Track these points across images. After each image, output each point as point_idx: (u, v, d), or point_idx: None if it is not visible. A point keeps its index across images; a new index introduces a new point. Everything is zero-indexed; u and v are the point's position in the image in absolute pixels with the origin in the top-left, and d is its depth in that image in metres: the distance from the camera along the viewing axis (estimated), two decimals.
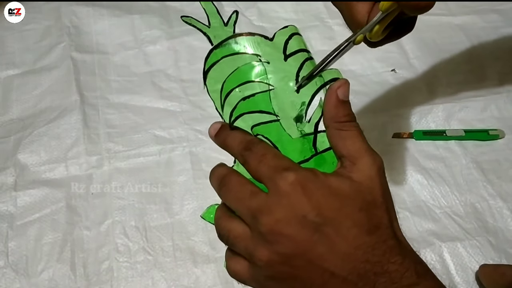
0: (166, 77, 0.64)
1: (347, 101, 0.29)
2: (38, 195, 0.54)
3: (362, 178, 0.26)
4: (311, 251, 0.25)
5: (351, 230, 0.25)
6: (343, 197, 0.26)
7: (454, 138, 0.57)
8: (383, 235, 0.25)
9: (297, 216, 0.25)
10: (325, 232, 0.25)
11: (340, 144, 0.28)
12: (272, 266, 0.26)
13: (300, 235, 0.25)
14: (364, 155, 0.27)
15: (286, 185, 0.25)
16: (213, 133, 0.32)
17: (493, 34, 0.66)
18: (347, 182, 0.26)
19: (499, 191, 0.53)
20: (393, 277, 0.24)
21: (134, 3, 0.71)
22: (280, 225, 0.25)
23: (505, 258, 0.49)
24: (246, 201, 0.27)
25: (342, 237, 0.25)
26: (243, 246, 0.27)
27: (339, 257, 0.25)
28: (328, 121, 0.28)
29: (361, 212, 0.25)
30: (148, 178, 0.56)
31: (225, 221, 0.29)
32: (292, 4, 0.70)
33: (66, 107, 0.61)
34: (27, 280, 0.49)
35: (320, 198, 0.25)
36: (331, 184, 0.26)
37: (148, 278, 0.49)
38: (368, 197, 0.26)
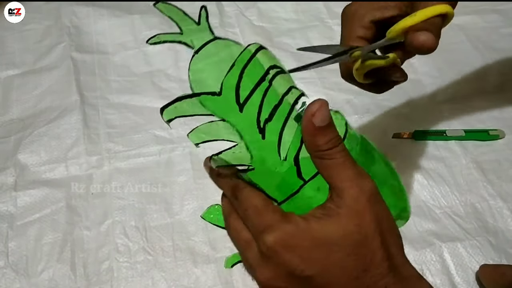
0: (166, 77, 0.64)
1: (327, 125, 0.25)
2: (38, 195, 0.54)
3: (350, 215, 0.25)
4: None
5: (340, 278, 0.25)
6: (328, 245, 0.25)
7: (454, 138, 0.57)
8: (373, 276, 0.25)
9: (285, 273, 0.25)
10: (315, 282, 0.25)
11: (325, 174, 0.26)
12: None
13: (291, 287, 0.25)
14: (350, 186, 0.25)
15: (266, 248, 0.25)
16: (207, 171, 0.32)
17: (493, 34, 0.66)
18: (332, 226, 0.25)
19: (499, 191, 0.53)
20: None
21: (134, 3, 0.71)
22: (271, 281, 0.26)
23: (505, 258, 0.49)
24: (241, 250, 0.28)
25: (333, 284, 0.25)
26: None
27: None
28: (309, 151, 0.26)
29: (349, 257, 0.25)
30: (148, 178, 0.56)
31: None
32: (292, 4, 0.70)
33: (66, 107, 0.61)
34: (27, 280, 0.49)
35: (303, 252, 0.25)
36: (314, 233, 0.25)
37: (148, 278, 0.49)
38: (356, 237, 0.25)
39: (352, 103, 0.61)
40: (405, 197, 0.35)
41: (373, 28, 0.35)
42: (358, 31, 0.35)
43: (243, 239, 0.27)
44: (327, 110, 0.25)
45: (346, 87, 0.37)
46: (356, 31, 0.35)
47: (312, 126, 0.25)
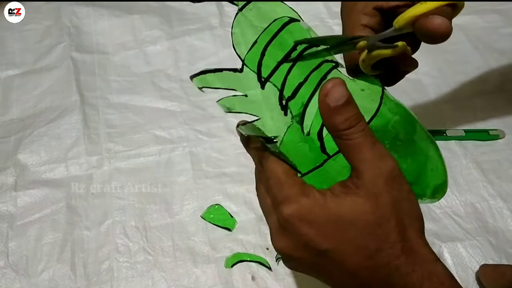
0: (166, 77, 0.64)
1: (343, 103, 0.25)
2: (38, 195, 0.54)
3: (367, 196, 0.25)
4: (321, 269, 0.27)
5: (353, 256, 0.25)
6: (343, 222, 0.25)
7: (454, 138, 0.57)
8: (386, 256, 0.25)
9: (300, 244, 0.26)
10: (330, 257, 0.26)
11: (344, 154, 0.26)
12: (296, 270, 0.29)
13: (306, 258, 0.27)
14: (368, 168, 0.25)
15: (283, 219, 0.26)
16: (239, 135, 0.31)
17: (493, 34, 0.66)
18: (348, 204, 0.25)
19: (499, 191, 0.53)
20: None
21: (134, 3, 0.71)
22: (286, 250, 0.27)
23: (505, 258, 0.49)
24: (265, 215, 0.29)
25: (346, 260, 0.26)
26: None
27: (347, 275, 0.26)
28: (329, 132, 0.26)
29: (363, 235, 0.25)
30: (148, 178, 0.56)
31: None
32: (292, 4, 0.70)
33: (66, 107, 0.61)
34: (27, 280, 0.49)
35: (318, 227, 0.25)
36: (330, 209, 0.25)
37: (148, 278, 0.49)
38: (371, 218, 0.25)
39: None
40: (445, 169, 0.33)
41: (378, 16, 0.32)
42: (362, 18, 0.32)
43: (267, 205, 0.29)
44: (342, 88, 0.25)
45: None
46: (359, 19, 0.32)
47: (327, 106, 0.25)
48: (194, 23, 0.69)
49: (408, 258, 0.25)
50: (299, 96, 0.28)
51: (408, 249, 0.26)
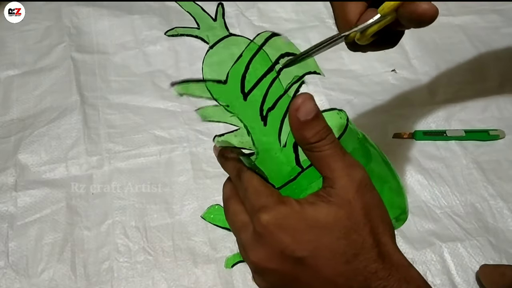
0: (166, 77, 0.64)
1: (312, 117, 0.25)
2: (38, 195, 0.54)
3: (341, 203, 0.25)
4: (297, 281, 0.26)
5: (330, 261, 0.25)
6: (320, 228, 0.25)
7: (454, 138, 0.57)
8: (363, 261, 0.25)
9: (276, 253, 0.26)
10: (306, 264, 0.25)
11: (316, 165, 0.27)
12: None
13: (282, 268, 0.26)
14: (340, 175, 0.25)
15: (260, 227, 0.26)
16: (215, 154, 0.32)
17: (493, 34, 0.66)
18: (324, 211, 0.25)
19: (500, 191, 0.53)
20: None
21: (134, 3, 0.71)
22: (262, 261, 0.26)
23: (506, 258, 0.49)
24: (237, 233, 0.29)
25: (323, 267, 0.25)
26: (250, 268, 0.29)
27: (324, 284, 0.26)
28: (300, 145, 0.27)
29: (339, 241, 0.25)
30: (148, 178, 0.56)
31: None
32: (292, 4, 0.70)
33: (66, 107, 0.61)
34: (27, 280, 0.49)
35: (295, 233, 0.25)
36: (307, 216, 0.26)
37: (149, 278, 0.49)
38: (347, 223, 0.25)
39: (352, 103, 0.61)
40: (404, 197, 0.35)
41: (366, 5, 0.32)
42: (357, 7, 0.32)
43: (240, 221, 0.28)
44: (311, 103, 0.25)
45: (346, 87, 0.37)
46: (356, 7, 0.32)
47: (297, 120, 0.25)
48: (194, 23, 0.69)
49: (384, 262, 0.25)
50: (278, 107, 0.29)
51: (384, 254, 0.26)
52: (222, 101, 0.28)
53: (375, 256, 0.25)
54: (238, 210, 0.29)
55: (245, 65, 0.28)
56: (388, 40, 0.33)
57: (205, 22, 0.30)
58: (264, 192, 0.27)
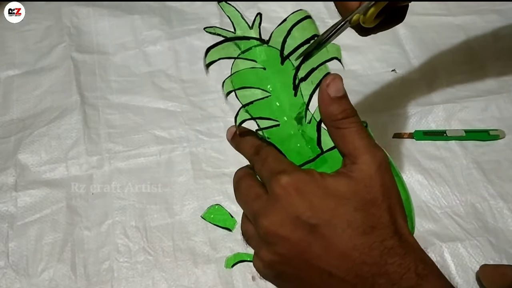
0: (166, 77, 0.64)
1: (341, 96, 0.27)
2: (38, 195, 0.54)
3: (362, 177, 0.26)
4: (307, 252, 0.25)
5: (346, 231, 0.25)
6: (338, 197, 0.25)
7: (454, 138, 0.57)
8: (380, 235, 0.25)
9: (291, 217, 0.25)
10: (320, 233, 0.25)
11: (340, 143, 0.27)
12: (274, 266, 0.27)
13: (294, 236, 0.25)
14: (364, 152, 0.26)
15: (278, 188, 0.26)
16: (229, 137, 0.32)
17: (493, 34, 0.66)
18: (345, 182, 0.26)
19: (500, 191, 0.53)
20: (392, 279, 0.24)
21: (135, 3, 0.71)
22: (275, 227, 0.26)
23: (506, 258, 0.49)
24: (250, 204, 0.28)
25: (338, 237, 0.25)
26: (254, 246, 0.29)
27: (336, 258, 0.25)
28: (325, 121, 0.28)
29: (357, 212, 0.25)
30: (148, 178, 0.56)
31: (243, 223, 0.30)
32: (292, 4, 0.70)
33: (66, 107, 0.61)
34: (27, 280, 0.49)
35: (314, 199, 0.25)
36: (327, 184, 0.26)
37: (149, 278, 0.49)
38: (366, 197, 0.25)
39: (352, 103, 0.61)
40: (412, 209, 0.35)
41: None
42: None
43: (254, 193, 0.28)
44: (341, 83, 0.27)
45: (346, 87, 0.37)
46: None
47: (327, 96, 0.27)
48: (194, 23, 0.69)
49: (401, 240, 0.25)
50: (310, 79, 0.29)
51: (400, 233, 0.26)
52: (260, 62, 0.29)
53: (391, 233, 0.25)
54: (252, 184, 0.29)
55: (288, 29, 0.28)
56: (394, 17, 0.33)
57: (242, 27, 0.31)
58: (285, 160, 0.28)
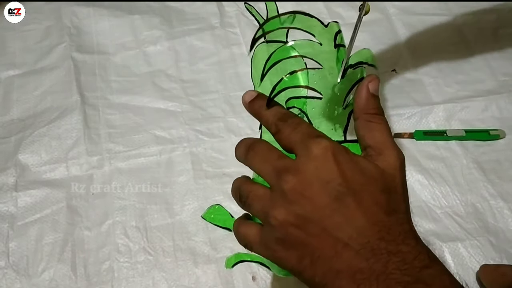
0: (166, 77, 0.64)
1: (377, 95, 0.30)
2: (38, 195, 0.54)
3: (387, 167, 0.27)
4: (328, 218, 0.25)
5: (371, 207, 0.25)
6: (368, 175, 0.26)
7: (454, 138, 0.57)
8: (399, 219, 0.26)
9: (322, 180, 0.26)
10: (346, 203, 0.25)
11: (368, 134, 0.29)
12: (285, 228, 0.26)
13: (320, 199, 0.25)
14: (390, 147, 0.28)
15: (318, 148, 0.26)
16: (248, 99, 0.32)
17: (493, 34, 0.66)
18: (373, 165, 0.27)
19: (500, 191, 0.53)
20: (405, 258, 0.24)
21: (135, 3, 0.71)
22: (303, 185, 0.26)
23: (506, 258, 0.49)
24: (272, 161, 0.28)
25: (362, 211, 0.25)
26: (261, 206, 0.28)
27: (355, 230, 0.25)
28: (358, 113, 0.29)
29: (383, 193, 0.26)
30: (148, 178, 0.56)
31: (246, 184, 0.30)
32: (292, 4, 0.70)
33: (66, 108, 0.61)
34: (28, 281, 0.49)
35: (347, 169, 0.26)
36: (359, 162, 0.27)
37: (149, 278, 0.49)
38: (390, 183, 0.27)
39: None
40: None
41: None
42: None
43: (277, 153, 0.28)
44: (379, 84, 0.30)
45: None
46: None
47: (367, 91, 0.29)
48: (194, 23, 0.69)
49: (412, 229, 0.27)
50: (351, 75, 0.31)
51: (412, 224, 0.27)
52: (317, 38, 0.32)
53: (407, 220, 0.26)
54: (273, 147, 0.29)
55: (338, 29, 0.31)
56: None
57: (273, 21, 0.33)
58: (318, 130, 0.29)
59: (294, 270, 0.26)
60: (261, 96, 0.31)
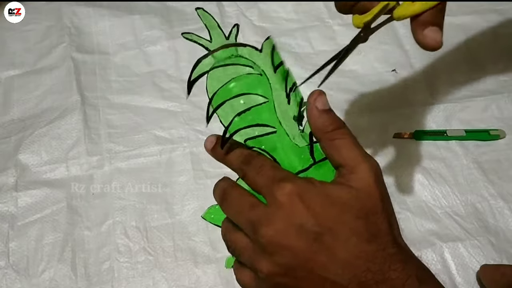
0: (166, 77, 0.64)
1: (329, 109, 0.28)
2: (39, 195, 0.54)
3: (361, 186, 0.26)
4: (311, 261, 0.25)
5: (350, 239, 0.25)
6: (341, 205, 0.25)
7: (455, 138, 0.57)
8: (382, 243, 0.25)
9: (295, 226, 0.25)
10: (324, 241, 0.25)
11: (335, 154, 0.27)
12: (274, 278, 0.26)
13: (299, 245, 0.25)
14: (361, 162, 0.26)
15: (282, 195, 0.26)
16: (210, 146, 0.32)
17: (493, 34, 0.66)
18: (345, 190, 0.26)
19: (500, 191, 0.53)
20: (394, 285, 0.24)
21: (135, 3, 0.71)
22: (279, 236, 0.25)
23: (506, 258, 0.49)
24: (245, 214, 0.27)
25: (342, 245, 0.25)
26: (247, 257, 0.28)
27: (340, 266, 0.25)
28: (317, 134, 0.28)
29: (359, 220, 0.25)
30: (148, 178, 0.56)
31: (230, 234, 0.29)
32: (293, 4, 0.70)
33: (66, 108, 0.61)
34: (28, 281, 0.49)
35: (317, 207, 0.25)
36: (329, 192, 0.26)
37: (149, 279, 0.49)
38: (367, 204, 0.26)
39: (352, 103, 0.61)
40: None
41: None
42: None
43: (248, 201, 0.27)
44: (326, 97, 0.28)
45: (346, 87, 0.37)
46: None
47: (316, 109, 0.27)
48: (194, 23, 0.69)
49: (400, 248, 0.26)
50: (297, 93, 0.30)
51: (398, 242, 0.26)
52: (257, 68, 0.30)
53: (391, 241, 0.26)
54: (244, 193, 0.28)
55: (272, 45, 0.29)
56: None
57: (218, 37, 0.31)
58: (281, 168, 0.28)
59: None
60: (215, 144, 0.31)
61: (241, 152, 0.30)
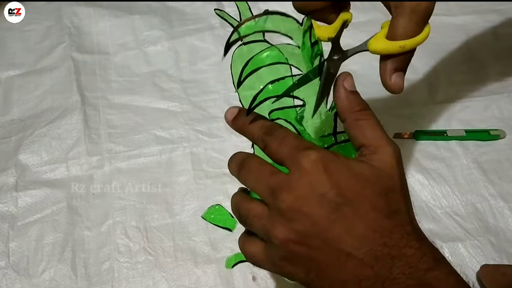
0: (167, 78, 0.64)
1: (355, 91, 0.29)
2: (39, 195, 0.54)
3: (383, 165, 0.26)
4: (328, 231, 0.25)
5: (370, 213, 0.25)
6: (363, 180, 0.26)
7: (455, 138, 0.57)
8: (401, 220, 0.25)
9: (317, 194, 0.25)
10: (344, 212, 0.25)
11: (359, 134, 0.28)
12: (288, 245, 0.26)
13: (318, 213, 0.25)
14: (384, 143, 0.27)
15: (308, 162, 0.25)
16: (230, 117, 0.31)
17: (493, 34, 0.66)
18: (368, 167, 0.26)
19: (500, 191, 0.53)
20: (410, 261, 0.24)
21: (135, 3, 0.71)
22: (299, 202, 0.25)
23: (506, 258, 0.49)
24: (266, 179, 0.27)
25: (361, 218, 0.25)
26: (261, 225, 0.27)
27: (357, 239, 0.25)
28: (343, 114, 0.28)
29: (380, 196, 0.25)
30: (148, 178, 0.56)
31: (244, 202, 0.29)
32: None
33: (67, 108, 0.61)
34: (28, 281, 0.49)
35: (340, 178, 0.25)
36: (352, 166, 0.26)
37: (149, 279, 0.49)
38: (387, 183, 0.26)
39: None
40: None
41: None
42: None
43: (269, 169, 0.27)
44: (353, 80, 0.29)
45: None
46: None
47: (344, 90, 0.28)
48: (194, 23, 0.69)
49: (416, 228, 0.26)
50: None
51: (414, 223, 0.26)
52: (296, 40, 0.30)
53: (409, 220, 0.26)
54: (264, 162, 0.28)
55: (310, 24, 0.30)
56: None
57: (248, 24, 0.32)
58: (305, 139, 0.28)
59: (303, 282, 0.27)
60: (243, 112, 0.31)
61: (263, 123, 0.29)
